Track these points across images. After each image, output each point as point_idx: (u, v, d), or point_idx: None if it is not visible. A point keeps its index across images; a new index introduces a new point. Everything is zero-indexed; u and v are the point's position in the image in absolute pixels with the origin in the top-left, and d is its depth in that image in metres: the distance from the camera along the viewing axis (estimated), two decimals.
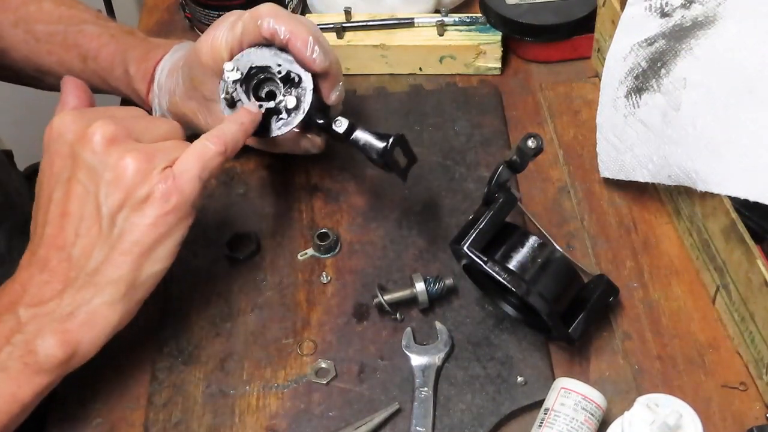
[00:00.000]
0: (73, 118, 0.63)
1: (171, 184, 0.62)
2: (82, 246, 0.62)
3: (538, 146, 0.64)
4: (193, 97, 0.77)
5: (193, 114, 0.77)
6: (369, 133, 0.71)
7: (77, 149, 0.62)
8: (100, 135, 0.61)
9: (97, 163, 0.61)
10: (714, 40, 0.71)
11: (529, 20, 0.88)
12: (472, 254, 0.66)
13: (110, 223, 0.62)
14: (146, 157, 0.62)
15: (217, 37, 0.72)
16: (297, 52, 0.71)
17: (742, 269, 0.65)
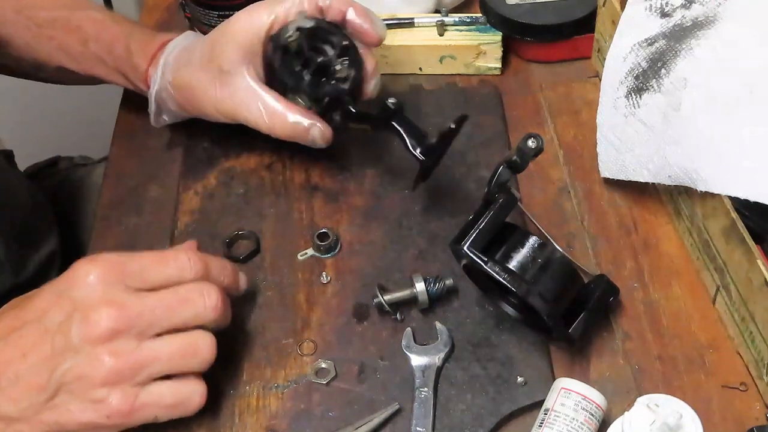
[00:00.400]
0: (97, 279, 0.60)
1: (126, 407, 0.60)
2: (15, 390, 0.59)
3: (539, 146, 0.64)
4: (206, 68, 0.76)
5: (199, 84, 0.77)
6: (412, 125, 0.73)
7: (74, 318, 0.59)
8: (100, 327, 0.59)
9: (81, 344, 0.59)
10: (714, 40, 0.71)
11: (529, 20, 0.88)
12: (472, 254, 0.66)
13: (53, 391, 0.59)
14: (126, 366, 0.59)
15: (260, 7, 0.74)
16: (355, 23, 0.73)
17: (742, 269, 0.65)
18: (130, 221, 0.82)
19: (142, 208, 0.83)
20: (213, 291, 0.63)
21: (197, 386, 0.63)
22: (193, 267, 0.63)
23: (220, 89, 0.76)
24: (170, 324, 0.61)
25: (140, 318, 0.60)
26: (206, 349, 0.63)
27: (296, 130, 0.76)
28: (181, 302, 0.62)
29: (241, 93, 0.75)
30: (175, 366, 0.62)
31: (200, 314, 0.62)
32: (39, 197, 0.90)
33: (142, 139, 0.89)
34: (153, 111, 0.82)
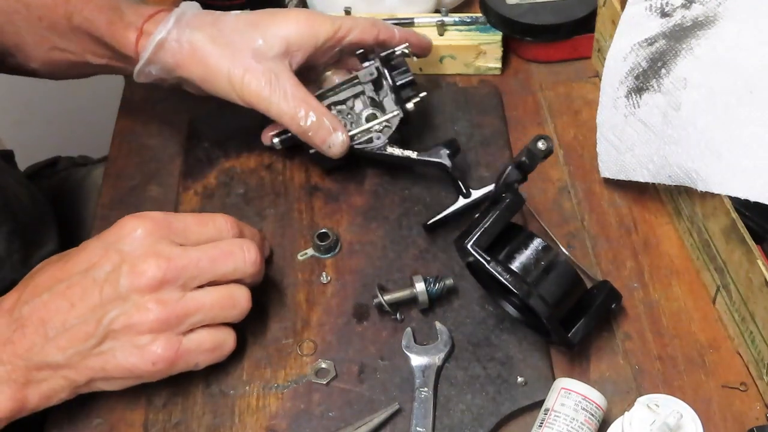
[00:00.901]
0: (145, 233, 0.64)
1: (170, 353, 0.64)
2: (63, 338, 0.62)
3: (548, 148, 0.64)
4: (235, 41, 0.76)
5: (222, 56, 0.76)
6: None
7: (123, 269, 0.62)
8: (147, 277, 0.62)
9: (128, 293, 0.62)
10: (714, 40, 0.71)
11: (529, 20, 0.88)
12: (476, 252, 0.66)
13: (100, 338, 0.62)
14: (172, 315, 0.63)
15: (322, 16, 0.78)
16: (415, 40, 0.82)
17: (742, 269, 0.65)
18: None
19: (142, 208, 0.82)
20: (252, 246, 0.67)
21: (229, 333, 0.68)
22: (230, 229, 0.68)
23: (249, 66, 0.75)
24: (213, 275, 0.65)
25: (185, 270, 0.63)
26: (243, 301, 0.67)
27: (317, 130, 0.77)
28: (223, 255, 0.66)
29: (273, 76, 0.75)
30: (216, 316, 0.66)
31: (240, 267, 0.66)
32: (39, 197, 0.90)
33: (142, 139, 0.89)
34: (139, 67, 0.79)
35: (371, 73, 0.81)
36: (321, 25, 0.77)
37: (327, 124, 0.76)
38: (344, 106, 0.83)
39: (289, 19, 0.77)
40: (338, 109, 0.82)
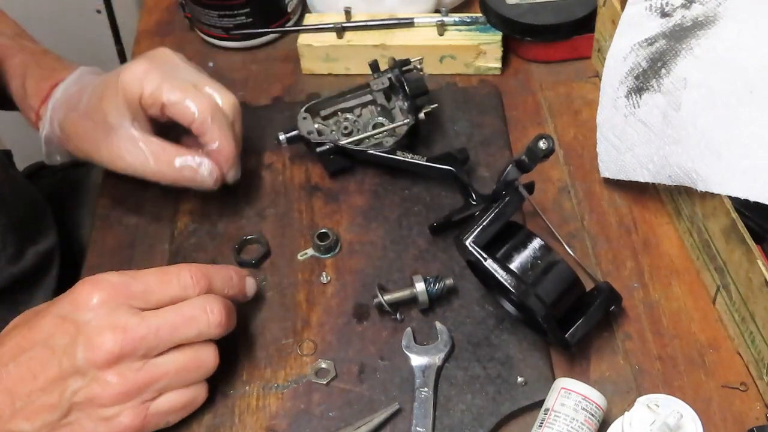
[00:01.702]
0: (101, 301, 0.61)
1: (137, 422, 0.62)
2: (29, 409, 0.60)
3: (549, 147, 0.64)
4: (92, 118, 0.75)
5: (86, 133, 0.76)
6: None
7: (79, 341, 0.60)
8: (104, 351, 0.60)
9: (86, 366, 0.60)
10: (714, 40, 0.71)
11: (529, 20, 0.88)
12: (473, 250, 0.66)
13: (65, 410, 0.61)
14: (134, 387, 0.61)
15: (150, 71, 0.73)
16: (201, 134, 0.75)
17: (742, 269, 0.65)
18: (130, 221, 0.82)
19: (142, 208, 0.83)
20: (216, 306, 0.64)
21: (200, 387, 0.66)
22: (196, 284, 0.64)
23: (105, 139, 0.75)
24: (174, 343, 0.63)
25: (144, 340, 0.61)
26: (209, 361, 0.65)
27: (183, 171, 0.75)
28: (185, 321, 0.63)
29: (127, 142, 0.75)
30: (180, 380, 0.64)
31: (204, 332, 0.64)
32: (37, 196, 0.90)
33: None
34: (44, 152, 0.82)
35: (383, 83, 0.83)
36: (143, 84, 0.74)
37: (192, 164, 0.74)
38: (351, 114, 0.83)
39: (123, 81, 0.74)
40: (345, 116, 0.83)
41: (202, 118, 0.74)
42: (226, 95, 0.76)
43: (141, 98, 0.74)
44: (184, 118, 0.74)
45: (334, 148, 0.81)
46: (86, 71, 0.81)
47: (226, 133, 0.75)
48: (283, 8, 0.96)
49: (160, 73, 0.74)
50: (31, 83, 0.81)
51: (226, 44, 0.97)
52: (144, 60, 0.75)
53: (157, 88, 0.73)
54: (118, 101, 0.74)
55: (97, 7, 1.52)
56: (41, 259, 0.85)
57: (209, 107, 0.74)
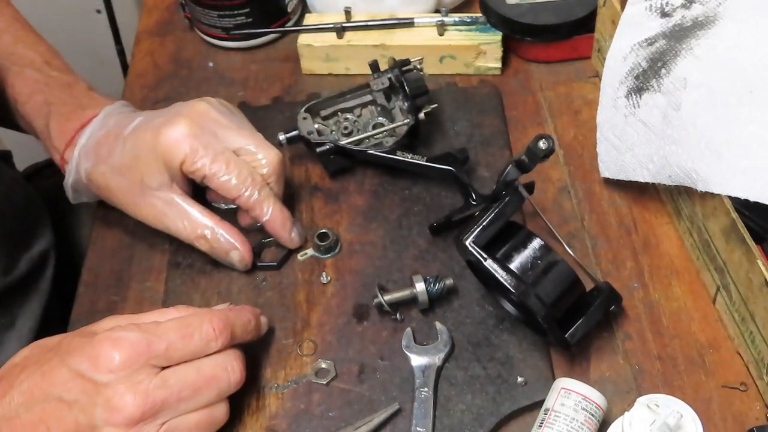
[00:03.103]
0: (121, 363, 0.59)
1: None
2: None
3: (549, 148, 0.64)
4: (126, 175, 0.74)
5: (119, 189, 0.75)
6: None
7: (98, 401, 0.59)
8: (124, 416, 0.58)
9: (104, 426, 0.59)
10: (714, 40, 0.71)
11: (529, 20, 0.88)
12: (473, 250, 0.66)
13: None
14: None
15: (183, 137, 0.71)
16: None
17: (742, 269, 0.65)
18: (130, 221, 0.82)
19: None
20: (237, 364, 0.64)
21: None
22: (218, 338, 0.63)
23: (141, 198, 0.74)
24: (195, 406, 0.62)
25: (165, 404, 0.60)
26: (222, 419, 0.64)
27: (215, 249, 0.75)
28: (207, 382, 0.62)
29: (165, 206, 0.74)
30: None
31: (224, 391, 0.63)
32: (35, 198, 0.90)
33: None
34: (70, 195, 0.81)
35: (383, 83, 0.83)
36: (180, 149, 0.72)
37: (223, 242, 0.74)
38: (351, 114, 0.83)
39: (160, 145, 0.72)
40: (345, 116, 0.83)
41: (248, 194, 0.73)
42: (269, 152, 0.74)
43: (182, 165, 0.72)
44: (228, 193, 0.73)
45: (334, 148, 0.81)
46: (112, 111, 0.78)
47: (276, 202, 0.74)
48: (283, 8, 0.96)
49: (202, 139, 0.72)
50: (55, 125, 0.79)
51: (226, 44, 0.97)
52: (183, 121, 0.72)
53: (200, 157, 0.71)
54: (157, 163, 0.72)
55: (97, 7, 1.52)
56: (35, 263, 0.85)
57: (255, 182, 0.73)
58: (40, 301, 0.84)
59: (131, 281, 0.78)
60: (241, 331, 0.66)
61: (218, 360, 0.63)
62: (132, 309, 0.76)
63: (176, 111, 0.74)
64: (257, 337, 0.69)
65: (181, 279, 0.77)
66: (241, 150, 0.74)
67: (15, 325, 0.82)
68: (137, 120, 0.75)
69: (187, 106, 0.75)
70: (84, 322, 0.72)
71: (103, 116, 0.78)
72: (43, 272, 0.86)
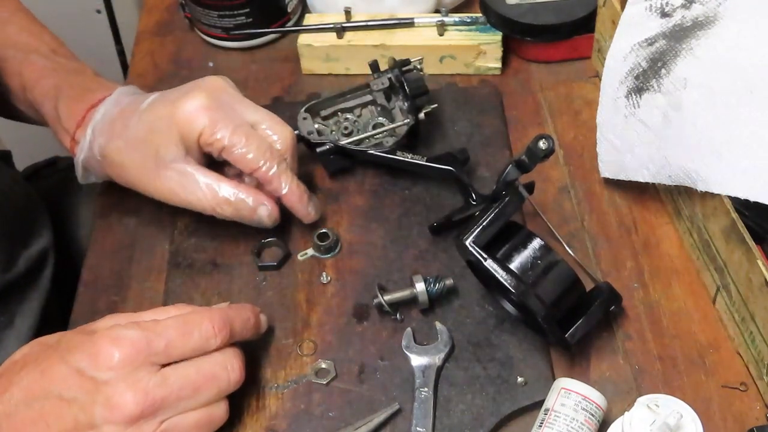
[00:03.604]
0: (121, 360, 0.59)
1: None
2: None
3: (549, 148, 0.64)
4: (141, 149, 0.73)
5: (133, 164, 0.74)
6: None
7: (98, 399, 0.59)
8: (124, 413, 0.58)
9: (103, 424, 0.58)
10: (714, 40, 0.71)
11: (529, 20, 0.88)
12: (473, 249, 0.66)
13: None
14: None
15: (200, 109, 0.71)
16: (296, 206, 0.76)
17: (742, 269, 0.65)
18: (130, 221, 0.82)
19: (142, 208, 0.82)
20: (237, 362, 0.64)
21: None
22: (218, 335, 0.63)
23: (156, 172, 0.73)
24: (195, 405, 0.62)
25: (164, 402, 0.60)
26: (221, 418, 0.64)
27: (241, 210, 0.74)
28: (206, 381, 0.62)
29: (181, 177, 0.73)
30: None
31: (223, 390, 0.63)
32: (34, 197, 0.90)
33: None
34: (80, 174, 0.80)
35: (383, 83, 0.83)
36: (197, 122, 0.72)
37: (249, 203, 0.73)
38: (351, 114, 0.83)
39: (175, 117, 0.72)
40: (345, 116, 0.83)
41: (267, 167, 0.72)
42: (283, 130, 0.75)
43: (200, 137, 0.72)
44: (246, 166, 0.72)
45: (334, 148, 0.81)
46: (124, 92, 0.78)
47: (292, 177, 0.74)
48: (283, 8, 0.96)
49: (220, 112, 0.72)
50: (64, 106, 0.79)
51: (226, 44, 0.97)
52: (201, 94, 0.72)
53: (219, 129, 0.71)
54: (172, 136, 0.72)
55: (97, 7, 1.52)
56: (34, 261, 0.85)
57: (274, 156, 0.73)
58: (40, 300, 0.84)
59: (131, 281, 0.78)
60: (241, 329, 0.65)
61: (218, 359, 0.63)
62: (132, 309, 0.75)
63: (193, 85, 0.75)
64: (257, 335, 0.69)
65: (181, 279, 0.77)
66: (255, 125, 0.74)
67: (14, 323, 0.82)
68: (153, 96, 0.76)
69: (204, 80, 0.75)
70: (84, 321, 0.72)
71: (117, 95, 0.78)
72: (42, 271, 0.86)
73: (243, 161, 0.72)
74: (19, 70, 0.82)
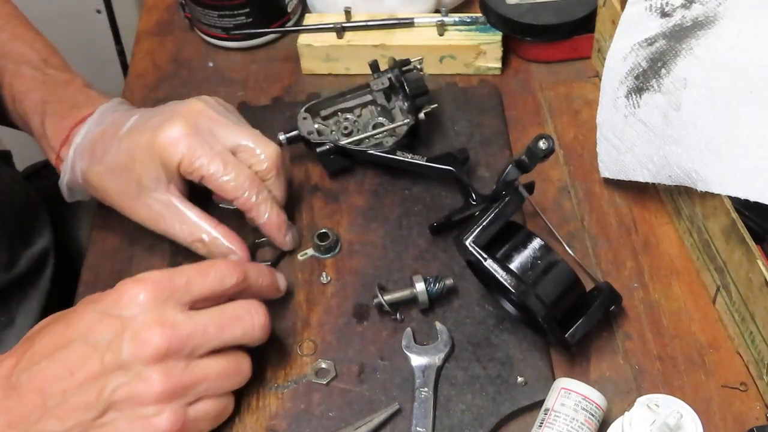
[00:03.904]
0: (147, 298, 0.60)
1: (176, 427, 0.60)
2: (62, 408, 0.59)
3: (549, 148, 0.64)
4: (122, 176, 0.73)
5: (115, 189, 0.74)
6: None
7: (125, 337, 0.59)
8: (152, 347, 0.59)
9: (131, 362, 0.59)
10: (714, 40, 0.71)
11: (529, 20, 0.88)
12: (473, 249, 0.66)
13: (101, 409, 0.59)
14: (178, 387, 0.60)
15: (180, 137, 0.71)
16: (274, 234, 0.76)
17: (742, 269, 0.65)
18: (130, 221, 0.82)
19: None
20: (260, 309, 0.65)
21: (231, 399, 0.66)
22: (233, 273, 0.64)
23: (137, 199, 0.74)
24: (219, 343, 0.62)
25: (191, 338, 0.61)
26: (246, 370, 0.65)
27: (213, 253, 0.74)
28: (230, 320, 0.63)
29: (162, 208, 0.74)
30: (218, 387, 0.63)
31: (248, 332, 0.64)
32: (34, 197, 0.90)
33: None
34: (65, 194, 0.80)
35: (383, 83, 0.83)
36: (176, 149, 0.71)
37: (220, 246, 0.74)
38: (351, 114, 0.83)
39: (156, 144, 0.71)
40: (345, 116, 0.83)
41: (246, 197, 0.73)
42: (268, 148, 0.74)
43: (180, 166, 0.72)
44: (226, 194, 0.73)
45: (334, 148, 0.81)
46: (108, 109, 0.78)
47: (273, 205, 0.74)
48: (283, 8, 0.96)
49: (199, 139, 0.71)
50: (50, 122, 0.78)
51: (226, 44, 0.97)
52: (179, 121, 0.72)
53: (198, 157, 0.71)
54: (154, 165, 0.72)
55: (97, 7, 1.52)
56: (35, 261, 0.85)
57: (253, 184, 0.73)
58: (40, 299, 0.84)
59: None
60: (255, 275, 0.67)
61: (242, 304, 0.64)
62: None
63: (172, 110, 0.74)
64: (277, 293, 0.71)
65: None
66: (239, 147, 0.73)
67: (14, 323, 0.82)
68: (133, 119, 0.75)
69: (183, 105, 0.74)
70: None
71: (98, 114, 0.77)
72: (42, 271, 0.86)
73: (223, 189, 0.72)
74: (10, 81, 0.82)
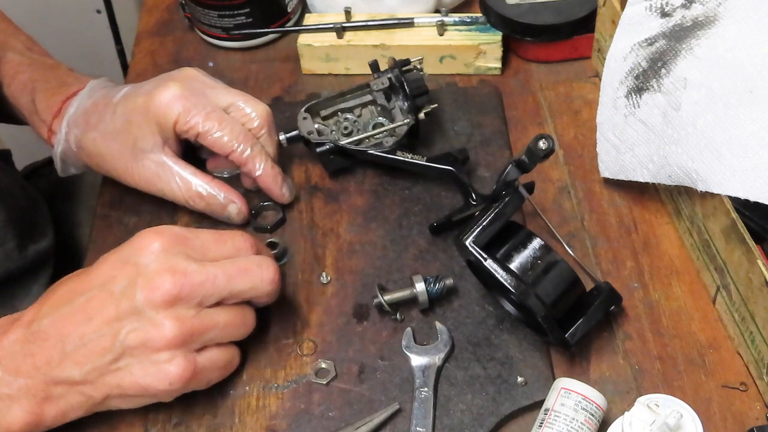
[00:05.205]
0: (162, 247, 0.62)
1: (187, 373, 0.62)
2: (80, 353, 0.61)
3: (549, 148, 0.64)
4: (118, 139, 0.76)
5: (110, 153, 0.77)
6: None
7: (138, 283, 0.61)
8: (162, 292, 0.61)
9: (144, 307, 0.61)
10: (714, 40, 0.71)
11: (529, 20, 0.88)
12: (473, 250, 0.66)
13: (117, 354, 0.62)
14: (188, 333, 0.62)
15: (175, 98, 0.74)
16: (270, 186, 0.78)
17: (742, 269, 0.65)
18: (130, 221, 0.82)
19: (142, 208, 0.83)
20: (270, 264, 0.66)
21: (236, 350, 0.68)
22: (249, 248, 0.67)
23: (134, 162, 0.76)
24: (229, 293, 0.64)
25: (201, 286, 0.62)
26: (251, 321, 0.67)
27: (212, 205, 0.77)
28: (240, 272, 0.65)
29: (158, 168, 0.76)
30: (227, 335, 0.66)
31: (257, 285, 0.65)
32: (35, 196, 0.90)
33: None
34: (59, 166, 0.82)
35: (383, 83, 0.83)
36: (172, 109, 0.74)
37: (220, 199, 0.77)
38: (351, 114, 0.83)
39: (151, 107, 0.74)
40: (345, 116, 0.83)
41: (241, 150, 0.75)
42: (258, 106, 0.77)
43: (176, 125, 0.74)
44: (221, 149, 0.76)
45: (334, 148, 0.81)
46: (98, 84, 0.81)
47: (267, 158, 0.77)
48: (283, 8, 0.96)
49: (193, 99, 0.75)
50: (41, 98, 0.81)
51: (226, 44, 0.97)
52: (174, 84, 0.75)
53: (193, 115, 0.74)
54: (150, 127, 0.75)
55: (97, 7, 1.52)
56: (40, 256, 0.85)
57: (247, 138, 0.76)
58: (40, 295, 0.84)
59: None
60: (267, 255, 0.69)
61: (251, 257, 0.66)
62: None
63: (166, 77, 0.78)
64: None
65: None
66: (231, 107, 0.77)
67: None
68: (125, 89, 0.78)
69: (176, 71, 0.78)
70: None
71: (89, 88, 0.80)
72: (44, 269, 0.87)
73: (218, 145, 0.75)
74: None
